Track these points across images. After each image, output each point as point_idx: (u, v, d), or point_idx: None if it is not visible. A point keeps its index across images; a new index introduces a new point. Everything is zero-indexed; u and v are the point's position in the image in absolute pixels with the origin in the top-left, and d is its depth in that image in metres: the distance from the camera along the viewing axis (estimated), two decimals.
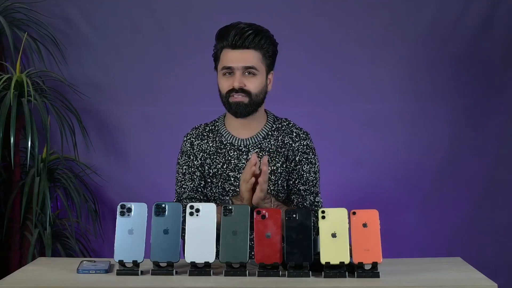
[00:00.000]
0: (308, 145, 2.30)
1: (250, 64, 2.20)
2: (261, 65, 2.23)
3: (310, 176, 2.27)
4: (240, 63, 2.20)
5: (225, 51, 2.23)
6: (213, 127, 2.34)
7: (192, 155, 2.30)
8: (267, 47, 2.23)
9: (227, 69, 2.21)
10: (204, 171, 2.29)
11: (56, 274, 1.87)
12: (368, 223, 1.81)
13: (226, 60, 2.21)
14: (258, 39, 2.20)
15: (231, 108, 2.23)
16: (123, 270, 1.83)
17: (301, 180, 2.27)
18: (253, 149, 2.27)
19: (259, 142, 2.28)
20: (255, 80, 2.22)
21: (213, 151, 2.29)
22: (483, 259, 3.15)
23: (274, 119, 2.34)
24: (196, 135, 2.33)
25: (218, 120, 2.36)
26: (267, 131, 2.30)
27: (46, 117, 3.09)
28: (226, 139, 2.29)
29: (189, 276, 1.81)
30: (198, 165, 2.29)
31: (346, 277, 1.78)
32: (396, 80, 3.47)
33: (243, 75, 2.20)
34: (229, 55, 2.21)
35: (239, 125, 2.29)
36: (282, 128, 2.32)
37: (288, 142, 2.29)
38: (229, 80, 2.22)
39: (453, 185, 3.46)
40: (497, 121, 3.45)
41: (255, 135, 2.29)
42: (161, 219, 1.85)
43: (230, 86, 2.21)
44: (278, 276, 1.80)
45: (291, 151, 2.28)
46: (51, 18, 3.39)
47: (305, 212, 1.85)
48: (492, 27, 3.42)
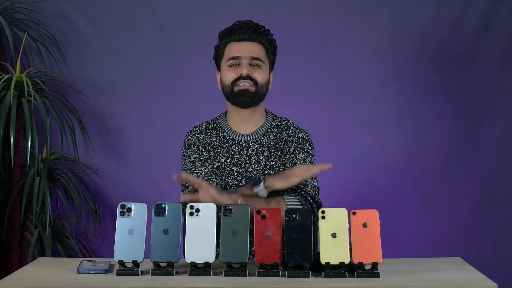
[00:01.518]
0: (304, 138, 2.32)
1: (257, 55, 2.26)
2: (265, 59, 2.30)
3: (305, 163, 2.28)
4: (247, 53, 2.25)
5: (230, 44, 2.29)
6: (214, 124, 2.37)
7: (201, 145, 2.32)
8: (270, 45, 2.31)
9: (234, 59, 2.25)
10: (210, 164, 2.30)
11: (56, 274, 1.87)
12: (368, 223, 1.81)
13: (233, 51, 2.27)
14: (262, 35, 2.28)
15: (237, 97, 2.25)
16: (123, 270, 1.83)
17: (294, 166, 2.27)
18: (253, 145, 2.29)
19: (259, 138, 2.31)
20: (261, 71, 2.27)
21: (217, 145, 2.31)
22: (483, 259, 3.15)
23: (273, 117, 2.37)
24: (200, 131, 2.35)
25: (219, 117, 2.39)
26: (266, 128, 2.33)
27: (46, 117, 3.09)
28: (228, 134, 2.32)
29: (189, 276, 1.81)
30: (207, 157, 2.30)
31: (346, 277, 1.78)
32: (396, 80, 3.47)
33: (249, 65, 2.25)
34: (236, 46, 2.27)
35: (240, 120, 2.31)
36: (280, 126, 2.35)
37: (284, 137, 2.32)
38: (235, 71, 2.26)
39: (453, 185, 3.47)
40: (497, 121, 3.45)
41: (255, 131, 2.32)
42: (161, 219, 1.85)
43: (237, 75, 2.25)
44: (278, 276, 1.80)
45: (285, 144, 2.31)
46: (51, 18, 3.39)
47: (305, 212, 1.85)
48: (492, 27, 3.42)
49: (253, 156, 2.28)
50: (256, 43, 2.28)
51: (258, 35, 2.27)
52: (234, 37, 2.27)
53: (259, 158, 2.28)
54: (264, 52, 2.29)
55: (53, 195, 3.31)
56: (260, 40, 2.28)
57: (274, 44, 2.33)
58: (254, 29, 2.27)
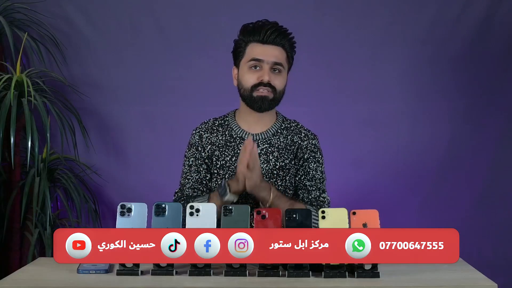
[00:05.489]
0: (316, 145, 2.33)
1: (279, 60, 2.23)
2: (286, 64, 2.27)
3: (316, 174, 2.30)
4: (270, 58, 2.22)
5: (253, 45, 2.24)
6: (222, 121, 2.36)
7: (200, 146, 2.31)
8: (290, 50, 2.28)
9: (256, 61, 2.22)
10: (211, 163, 2.30)
11: (56, 274, 1.87)
12: (368, 223, 1.81)
13: (256, 53, 2.22)
14: (285, 40, 2.25)
15: (256, 102, 2.24)
16: (123, 270, 1.83)
17: (307, 176, 2.29)
18: (262, 144, 2.29)
19: (268, 138, 2.30)
20: (281, 77, 2.25)
21: (222, 143, 2.30)
22: (483, 259, 3.15)
23: (283, 119, 2.37)
24: (206, 128, 2.34)
25: (228, 115, 2.37)
26: (276, 128, 2.33)
27: (46, 117, 3.09)
28: (236, 133, 2.31)
29: (189, 276, 1.81)
30: (206, 157, 2.30)
31: (346, 277, 1.78)
32: (397, 80, 3.47)
33: (270, 70, 2.22)
34: (259, 48, 2.23)
35: (252, 120, 2.30)
36: (291, 128, 2.35)
37: (297, 141, 2.32)
38: (255, 74, 2.23)
39: (453, 185, 3.47)
40: (497, 121, 3.46)
41: (265, 131, 2.31)
42: (161, 219, 1.85)
43: (257, 80, 2.22)
44: (278, 276, 1.80)
45: (300, 149, 2.31)
46: (51, 18, 3.39)
47: (305, 212, 1.85)
48: (492, 27, 3.42)
49: (262, 155, 2.27)
50: (279, 47, 2.23)
51: (282, 39, 2.23)
52: (258, 38, 2.22)
53: (268, 158, 2.27)
54: (285, 57, 2.26)
55: (53, 195, 3.31)
56: (283, 45, 2.24)
57: (294, 48, 2.29)
58: (280, 33, 2.23)
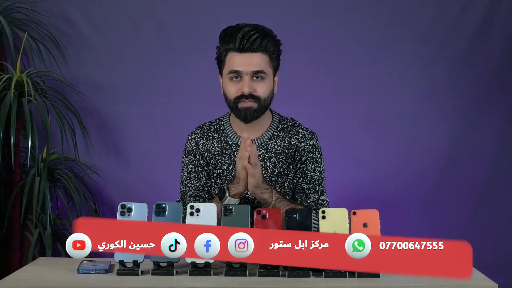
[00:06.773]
0: (314, 145, 2.27)
1: (259, 68, 2.14)
2: (268, 69, 2.18)
3: (315, 175, 2.25)
4: (248, 68, 2.13)
5: (231, 54, 2.16)
6: (218, 126, 2.30)
7: (198, 154, 2.26)
8: (273, 50, 2.18)
9: (235, 73, 2.16)
10: (209, 171, 2.26)
11: (56, 274, 1.87)
12: (369, 223, 1.81)
13: (234, 64, 2.14)
14: (265, 42, 2.14)
15: (240, 114, 2.17)
16: (123, 270, 1.83)
17: (305, 179, 2.25)
18: (259, 150, 2.23)
19: (265, 143, 2.25)
20: (263, 85, 2.17)
21: (218, 151, 2.25)
22: (483, 259, 3.14)
23: (279, 119, 2.30)
24: (201, 134, 2.29)
25: (223, 118, 2.32)
26: (272, 131, 2.26)
27: (46, 117, 3.09)
28: (232, 139, 2.26)
29: (189, 276, 1.81)
30: (205, 164, 2.26)
31: (346, 277, 1.78)
32: (397, 80, 3.47)
33: (251, 79, 2.15)
34: (236, 58, 2.14)
35: (244, 126, 2.23)
36: (288, 129, 2.28)
37: (295, 143, 2.26)
38: (237, 85, 2.16)
39: (453, 185, 3.46)
40: (497, 121, 3.45)
41: (260, 136, 2.25)
42: (161, 219, 1.85)
43: (238, 92, 2.15)
44: (278, 276, 1.80)
45: (297, 151, 2.25)
46: (51, 18, 3.39)
47: (305, 212, 1.85)
48: (492, 27, 3.42)
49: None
50: (258, 53, 2.13)
51: (260, 44, 2.13)
52: (234, 46, 2.13)
53: (266, 164, 2.22)
54: (267, 60, 2.16)
55: (53, 195, 3.31)
56: (263, 48, 2.14)
57: (279, 47, 2.20)
58: (256, 38, 2.12)
